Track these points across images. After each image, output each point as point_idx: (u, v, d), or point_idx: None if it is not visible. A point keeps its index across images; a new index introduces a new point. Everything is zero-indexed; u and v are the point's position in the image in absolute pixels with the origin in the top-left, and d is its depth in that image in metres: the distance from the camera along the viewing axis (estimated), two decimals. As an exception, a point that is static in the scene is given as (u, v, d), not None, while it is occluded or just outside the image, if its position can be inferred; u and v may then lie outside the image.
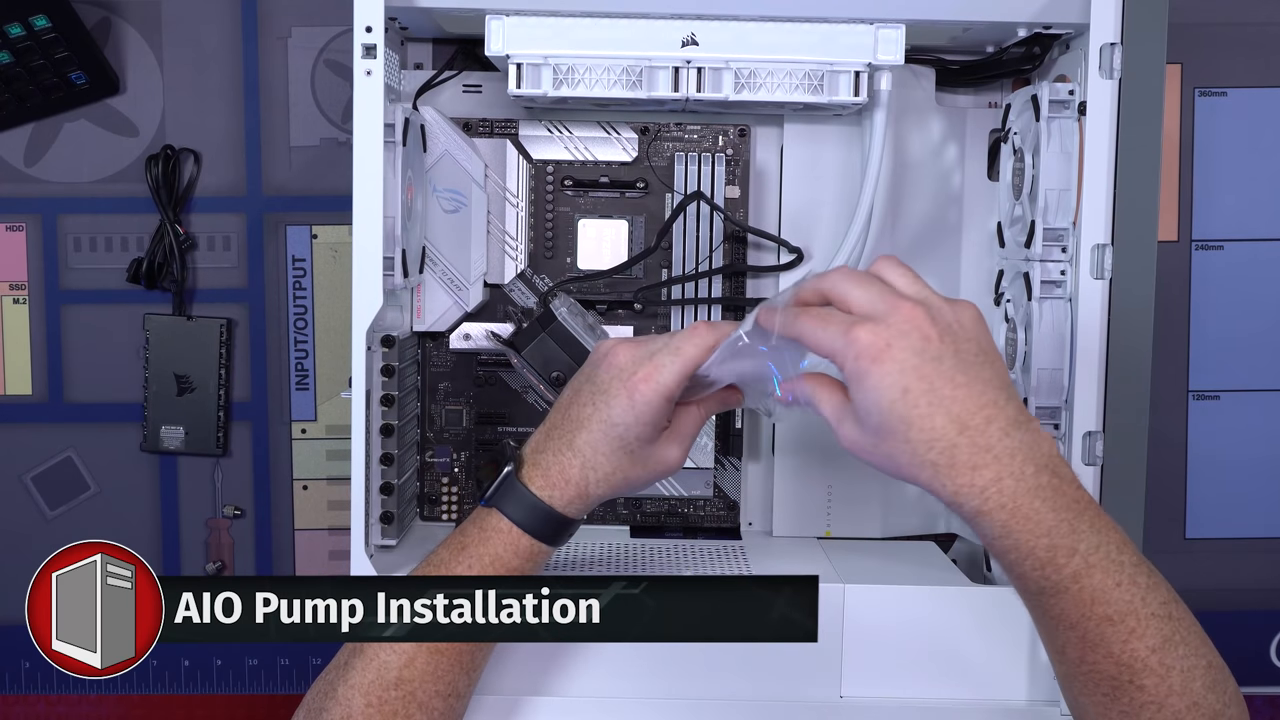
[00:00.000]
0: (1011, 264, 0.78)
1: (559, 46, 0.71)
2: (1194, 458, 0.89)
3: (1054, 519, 0.53)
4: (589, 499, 0.63)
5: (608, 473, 0.62)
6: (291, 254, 0.87)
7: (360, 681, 0.60)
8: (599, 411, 0.61)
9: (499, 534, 0.62)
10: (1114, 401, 0.70)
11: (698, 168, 0.81)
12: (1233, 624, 0.89)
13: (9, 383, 0.88)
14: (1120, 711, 0.56)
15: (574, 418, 0.63)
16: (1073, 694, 0.58)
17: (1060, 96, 0.72)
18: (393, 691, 0.59)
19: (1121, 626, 0.55)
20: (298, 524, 0.89)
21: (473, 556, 0.62)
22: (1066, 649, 0.56)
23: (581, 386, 0.63)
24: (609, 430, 0.61)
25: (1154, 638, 0.55)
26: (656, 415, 0.61)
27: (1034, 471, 0.53)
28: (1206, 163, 0.87)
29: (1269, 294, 0.88)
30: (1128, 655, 0.55)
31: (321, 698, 0.61)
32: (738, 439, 0.84)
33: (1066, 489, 0.54)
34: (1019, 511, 0.53)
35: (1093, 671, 0.56)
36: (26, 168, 0.87)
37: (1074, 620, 0.55)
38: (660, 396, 0.60)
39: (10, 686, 0.88)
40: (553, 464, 0.62)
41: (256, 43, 0.86)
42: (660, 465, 0.63)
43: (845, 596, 0.71)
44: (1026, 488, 0.53)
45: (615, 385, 0.61)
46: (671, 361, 0.60)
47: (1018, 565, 0.55)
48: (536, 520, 0.62)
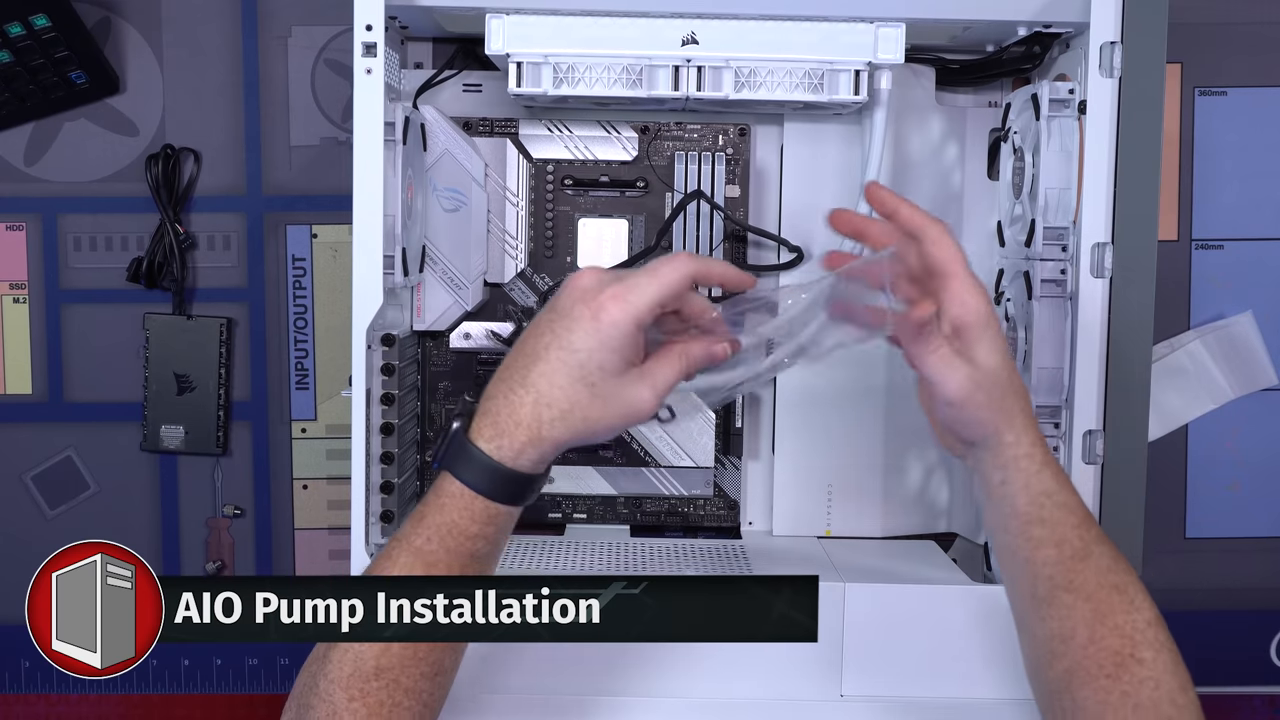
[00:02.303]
0: (1012, 263, 0.78)
1: (559, 45, 0.71)
2: (1194, 458, 0.89)
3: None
4: (543, 443, 0.56)
5: (564, 410, 0.55)
6: (291, 253, 0.87)
7: (339, 675, 0.55)
8: (557, 339, 0.55)
9: (452, 499, 0.56)
10: (1114, 401, 0.70)
11: (698, 167, 0.81)
12: (1233, 624, 0.89)
13: (9, 382, 0.88)
14: (1122, 693, 0.57)
15: (529, 351, 0.56)
16: (1071, 693, 0.58)
17: (1060, 95, 0.72)
18: (373, 682, 0.55)
19: (1125, 596, 0.58)
20: (298, 524, 0.89)
21: (430, 527, 0.56)
22: (1077, 631, 0.58)
23: (540, 318, 0.57)
24: (567, 358, 0.55)
25: (1149, 610, 0.59)
26: (623, 341, 0.55)
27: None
28: (1206, 162, 0.87)
29: (1269, 294, 0.88)
30: (1130, 626, 0.58)
31: (307, 693, 0.57)
32: (738, 438, 0.84)
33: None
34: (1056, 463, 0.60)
35: (1100, 650, 0.57)
36: (26, 167, 0.87)
37: (1092, 590, 0.58)
38: (629, 319, 0.55)
39: (10, 686, 0.88)
40: (502, 408, 0.56)
41: (256, 42, 0.86)
42: (626, 407, 0.56)
43: (845, 596, 0.71)
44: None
45: (578, 308, 0.56)
46: (647, 284, 0.56)
47: (1062, 524, 0.59)
48: (487, 479, 0.56)
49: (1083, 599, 0.58)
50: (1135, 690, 0.57)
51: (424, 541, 0.56)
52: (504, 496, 0.56)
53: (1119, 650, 0.57)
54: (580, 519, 0.84)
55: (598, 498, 0.84)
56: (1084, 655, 0.58)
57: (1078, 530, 0.59)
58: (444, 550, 0.56)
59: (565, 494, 0.84)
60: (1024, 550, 0.60)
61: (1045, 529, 0.59)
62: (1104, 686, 0.57)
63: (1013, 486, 0.60)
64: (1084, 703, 0.58)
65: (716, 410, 0.81)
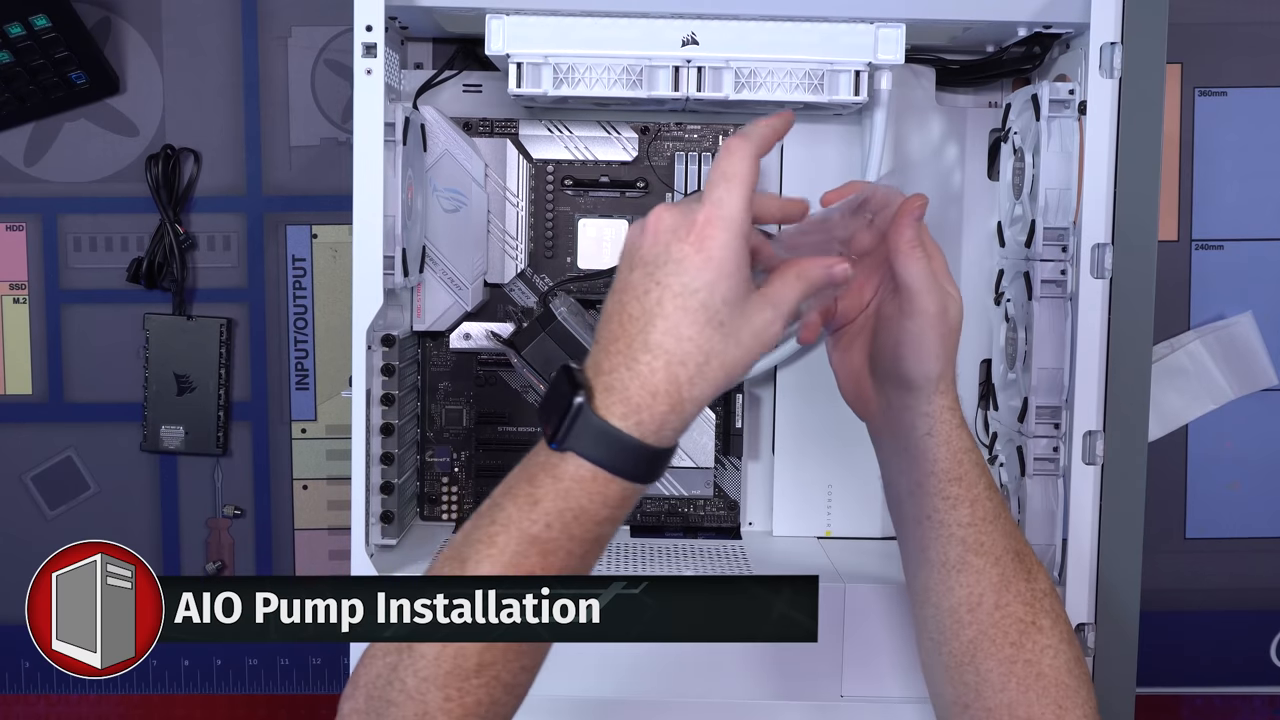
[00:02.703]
0: (1012, 263, 0.78)
1: (559, 46, 0.71)
2: (1194, 458, 0.89)
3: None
4: (685, 409, 0.50)
5: (700, 363, 0.50)
6: (291, 254, 0.87)
7: (435, 674, 0.50)
8: (668, 288, 0.50)
9: (581, 483, 0.50)
10: (1114, 402, 0.70)
11: (698, 167, 0.81)
12: (1233, 624, 0.89)
13: (9, 383, 0.88)
14: (1025, 661, 0.58)
15: (636, 314, 0.50)
16: (975, 664, 0.59)
17: (1060, 96, 0.72)
18: (473, 680, 0.50)
19: (1024, 564, 0.60)
20: (298, 524, 0.89)
21: (550, 513, 0.50)
22: (985, 597, 0.59)
23: (630, 278, 0.51)
24: (688, 301, 0.49)
25: (1045, 580, 0.61)
26: (739, 261, 0.50)
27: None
28: (1206, 163, 0.87)
29: (1269, 294, 0.88)
30: (1030, 594, 0.59)
31: (385, 686, 0.51)
32: (738, 439, 0.84)
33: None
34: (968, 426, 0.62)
35: (1005, 616, 0.59)
36: (26, 168, 0.87)
37: (999, 553, 0.60)
38: (734, 235, 0.50)
39: (10, 686, 0.88)
40: (630, 381, 0.50)
41: (256, 42, 0.86)
42: (756, 338, 0.51)
43: (845, 596, 0.71)
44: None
45: (675, 246, 0.50)
46: (728, 188, 0.51)
47: (976, 484, 0.60)
48: (627, 458, 0.50)
49: (991, 562, 0.59)
50: (1037, 658, 0.58)
51: (542, 529, 0.50)
52: (645, 475, 0.51)
53: (1022, 618, 0.59)
54: (580, 519, 0.84)
55: (598, 498, 0.84)
56: (990, 623, 0.59)
57: (988, 492, 0.61)
58: (566, 537, 0.50)
59: (565, 494, 0.84)
60: (939, 511, 0.60)
61: (962, 487, 0.60)
62: (1008, 655, 0.58)
63: (936, 439, 0.60)
64: (988, 674, 0.59)
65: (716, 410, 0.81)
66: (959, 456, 0.60)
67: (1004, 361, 0.79)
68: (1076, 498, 0.70)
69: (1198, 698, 0.90)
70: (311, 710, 0.89)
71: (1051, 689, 0.58)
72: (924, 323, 0.58)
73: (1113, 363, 0.70)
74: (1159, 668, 0.88)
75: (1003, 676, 0.58)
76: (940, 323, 0.59)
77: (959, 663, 0.60)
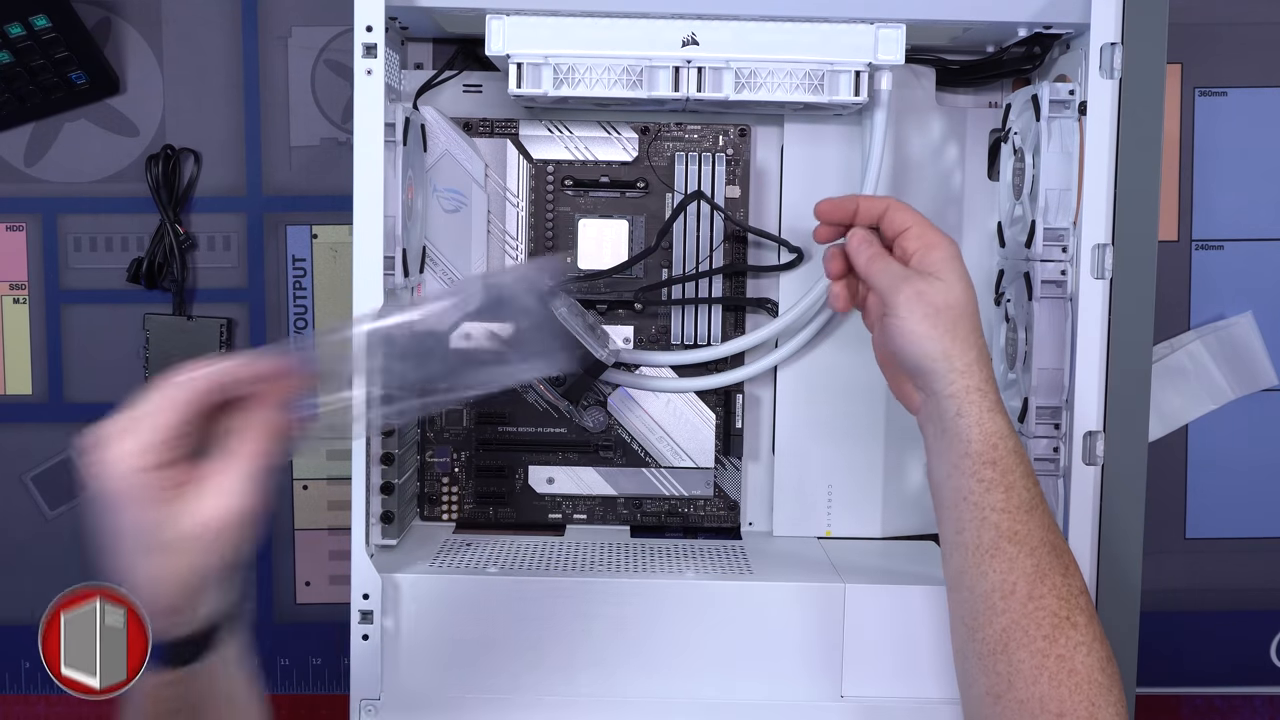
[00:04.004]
0: (1012, 264, 0.78)
1: (559, 46, 0.71)
2: (1194, 458, 0.89)
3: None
4: (182, 612, 0.53)
5: (154, 583, 0.51)
6: (291, 254, 0.87)
7: None
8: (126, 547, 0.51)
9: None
10: (1114, 401, 0.70)
11: (698, 167, 0.81)
12: (1233, 624, 0.89)
13: (9, 383, 0.88)
14: (1058, 656, 0.58)
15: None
16: (1008, 654, 0.59)
17: (1060, 96, 0.72)
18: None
19: (1062, 560, 0.61)
20: (298, 524, 0.89)
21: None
22: (1018, 586, 0.59)
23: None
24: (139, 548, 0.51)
25: (1080, 579, 0.61)
26: (134, 496, 0.50)
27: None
28: (1206, 163, 0.87)
29: (1269, 294, 0.88)
30: (1066, 589, 0.60)
31: None
32: (738, 439, 0.84)
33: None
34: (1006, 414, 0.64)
35: (1039, 608, 0.59)
36: (26, 168, 0.87)
37: (1035, 544, 0.60)
38: (119, 480, 0.50)
39: (10, 686, 0.88)
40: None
41: (256, 43, 0.86)
42: (197, 529, 0.49)
43: (845, 596, 0.71)
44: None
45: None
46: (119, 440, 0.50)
47: (1012, 470, 0.61)
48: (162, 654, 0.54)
49: (1026, 552, 0.60)
50: (1070, 654, 0.58)
51: None
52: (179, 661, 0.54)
53: (1056, 612, 0.59)
54: (580, 519, 0.84)
55: (598, 498, 0.84)
56: (1023, 613, 0.59)
57: (1025, 480, 0.61)
58: None
59: (565, 494, 0.84)
60: (975, 493, 0.61)
61: (996, 471, 0.61)
62: (1041, 649, 0.58)
63: (967, 420, 0.61)
64: (1020, 665, 0.59)
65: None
66: (993, 440, 0.61)
67: (1004, 362, 0.79)
68: (1077, 498, 0.70)
69: (1198, 698, 0.90)
70: (312, 710, 0.89)
71: (1084, 685, 0.58)
72: (900, 313, 0.63)
73: (1113, 363, 0.70)
74: (1159, 668, 0.88)
75: (1035, 669, 0.58)
76: (917, 306, 0.62)
77: (991, 650, 0.60)
